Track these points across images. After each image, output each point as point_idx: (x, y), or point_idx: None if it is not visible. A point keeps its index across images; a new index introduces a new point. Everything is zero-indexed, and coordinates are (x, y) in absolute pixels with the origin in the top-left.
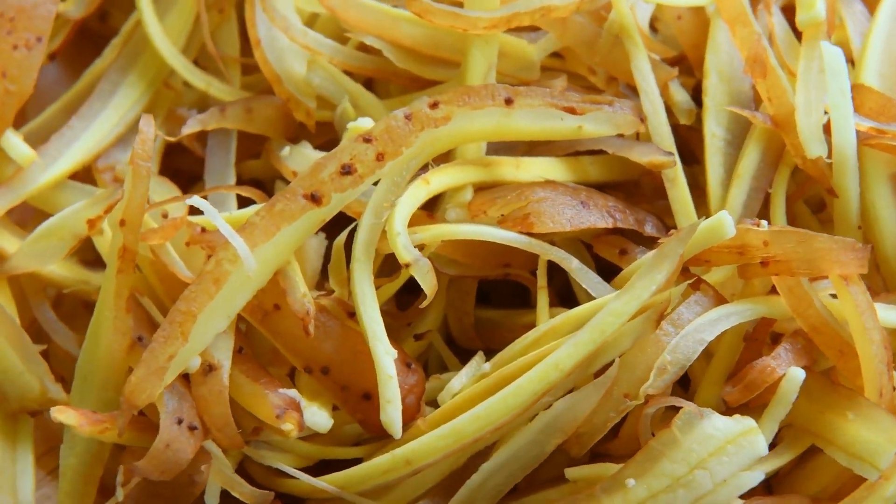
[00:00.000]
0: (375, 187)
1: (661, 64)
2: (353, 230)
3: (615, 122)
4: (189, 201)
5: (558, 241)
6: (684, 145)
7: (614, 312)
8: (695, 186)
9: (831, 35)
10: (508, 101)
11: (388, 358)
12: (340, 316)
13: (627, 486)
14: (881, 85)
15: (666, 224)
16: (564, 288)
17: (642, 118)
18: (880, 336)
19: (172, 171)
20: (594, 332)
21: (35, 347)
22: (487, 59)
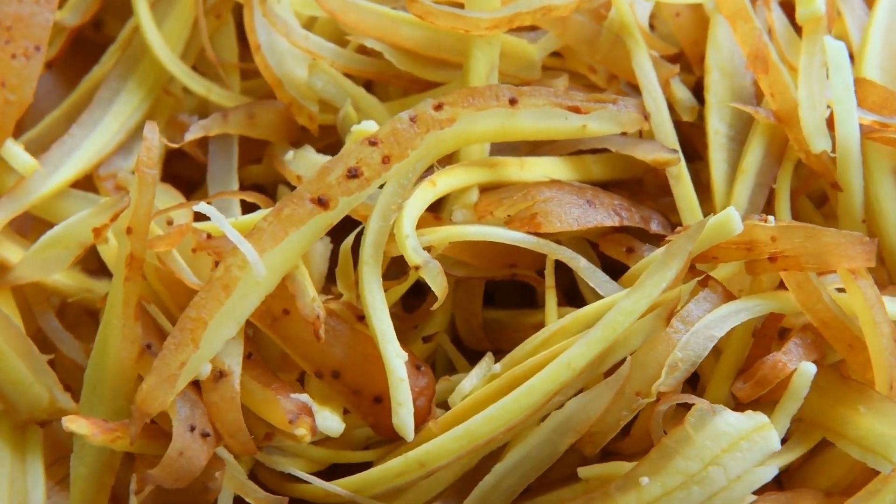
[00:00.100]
0: (381, 190)
1: (662, 61)
2: (359, 234)
3: (619, 121)
4: (196, 208)
5: (564, 240)
6: (686, 142)
7: (625, 311)
8: (697, 183)
9: (831, 29)
10: (513, 102)
11: (398, 361)
12: (350, 319)
13: (641, 484)
14: (882, 78)
15: (671, 221)
16: (570, 287)
17: (646, 116)
18: (889, 329)
19: (172, 177)
20: (606, 330)
21: (43, 357)
22: (489, 60)
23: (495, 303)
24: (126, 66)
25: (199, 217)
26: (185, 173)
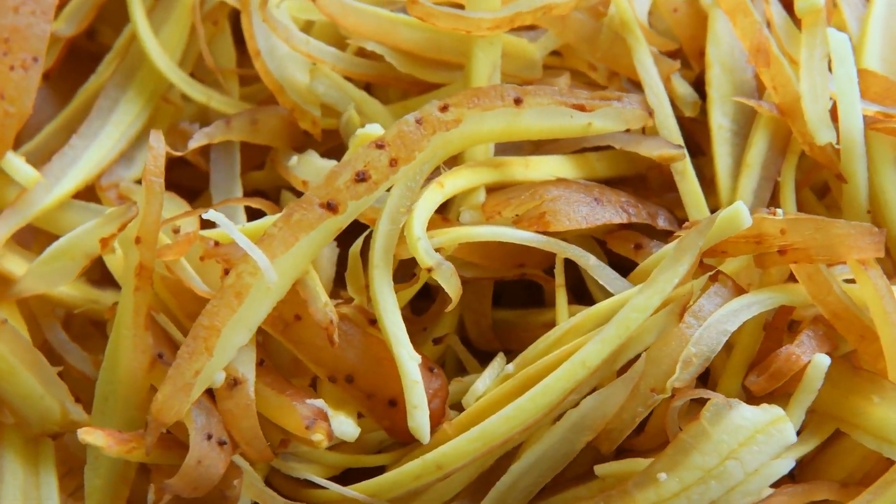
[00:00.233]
0: (389, 193)
1: (663, 57)
2: (367, 237)
3: (624, 118)
4: (206, 215)
5: (571, 238)
6: (688, 137)
7: (638, 307)
8: (700, 178)
9: (829, 21)
10: (518, 101)
11: (412, 363)
12: (362, 323)
13: (659, 480)
14: (884, 69)
15: (677, 217)
16: (577, 285)
17: (650, 112)
18: None
19: (173, 185)
20: (619, 327)
21: (53, 370)
22: (492, 60)
23: (503, 303)
24: (124, 75)
25: (205, 224)
26: (186, 182)
